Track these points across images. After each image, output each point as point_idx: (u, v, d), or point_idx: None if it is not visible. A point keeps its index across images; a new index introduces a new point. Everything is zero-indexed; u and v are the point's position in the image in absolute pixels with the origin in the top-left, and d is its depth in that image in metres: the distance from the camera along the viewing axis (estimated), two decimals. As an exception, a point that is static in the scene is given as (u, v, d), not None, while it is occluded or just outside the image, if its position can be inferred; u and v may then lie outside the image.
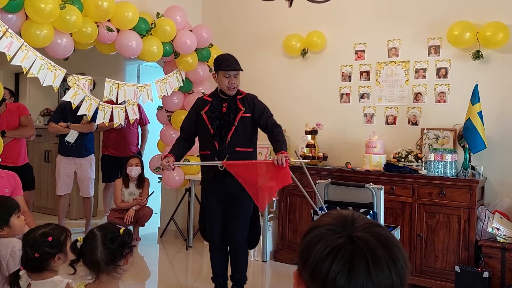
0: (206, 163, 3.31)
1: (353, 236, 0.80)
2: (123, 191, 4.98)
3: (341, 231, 0.82)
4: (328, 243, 0.80)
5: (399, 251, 0.80)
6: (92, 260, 1.91)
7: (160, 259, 4.78)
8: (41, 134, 6.16)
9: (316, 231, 0.85)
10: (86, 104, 4.11)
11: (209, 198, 3.38)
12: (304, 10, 4.60)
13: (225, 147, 3.23)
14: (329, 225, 0.85)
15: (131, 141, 5.57)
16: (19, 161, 4.58)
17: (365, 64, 4.55)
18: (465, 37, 3.91)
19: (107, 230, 1.96)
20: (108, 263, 1.91)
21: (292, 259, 4.39)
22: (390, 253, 0.79)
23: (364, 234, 0.81)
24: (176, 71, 4.66)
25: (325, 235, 0.83)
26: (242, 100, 3.31)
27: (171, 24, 4.34)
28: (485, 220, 3.63)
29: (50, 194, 6.14)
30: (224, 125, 3.24)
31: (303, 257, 0.84)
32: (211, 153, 3.25)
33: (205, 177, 3.39)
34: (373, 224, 0.85)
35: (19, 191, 3.22)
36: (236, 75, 3.28)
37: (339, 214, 0.88)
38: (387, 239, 0.81)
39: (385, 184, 3.81)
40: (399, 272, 0.78)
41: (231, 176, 3.15)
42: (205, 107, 3.31)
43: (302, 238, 0.89)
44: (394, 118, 4.41)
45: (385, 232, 0.83)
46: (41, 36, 3.43)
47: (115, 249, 1.92)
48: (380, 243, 0.79)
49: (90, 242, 1.93)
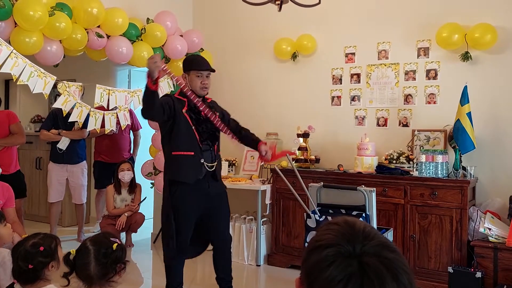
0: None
1: (363, 262, 0.81)
2: (115, 198, 4.96)
3: (351, 253, 0.83)
4: (339, 271, 0.81)
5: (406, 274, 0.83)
6: (85, 275, 1.91)
7: (153, 265, 4.76)
8: (32, 141, 6.13)
9: (325, 251, 0.84)
10: (77, 110, 4.10)
11: (189, 200, 3.16)
12: (294, 14, 4.61)
13: (212, 151, 3.25)
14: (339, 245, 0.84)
15: (123, 147, 5.55)
16: (10, 169, 4.54)
17: (356, 66, 4.58)
18: (454, 38, 3.94)
19: (100, 245, 1.96)
20: (101, 278, 1.91)
21: (286, 263, 4.39)
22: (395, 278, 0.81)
23: (373, 260, 0.82)
24: (166, 76, 4.65)
25: (335, 259, 0.82)
26: (212, 103, 3.35)
27: (161, 30, 4.34)
28: (477, 220, 3.65)
29: (42, 201, 6.10)
30: (211, 129, 3.23)
31: (311, 277, 0.84)
32: (196, 154, 3.15)
33: (188, 179, 3.14)
34: (384, 245, 0.85)
35: (11, 203, 3.21)
36: (208, 75, 3.25)
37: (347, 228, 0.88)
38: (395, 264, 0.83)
39: (377, 186, 3.82)
40: None
41: (216, 178, 3.27)
42: (184, 106, 3.16)
43: (308, 252, 0.87)
44: (385, 120, 4.43)
45: (393, 256, 0.84)
46: (31, 43, 3.42)
47: (108, 264, 1.91)
48: (387, 268, 0.81)
49: (83, 256, 1.92)
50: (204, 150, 3.19)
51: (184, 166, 3.15)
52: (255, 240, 4.48)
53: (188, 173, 3.14)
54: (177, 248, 3.21)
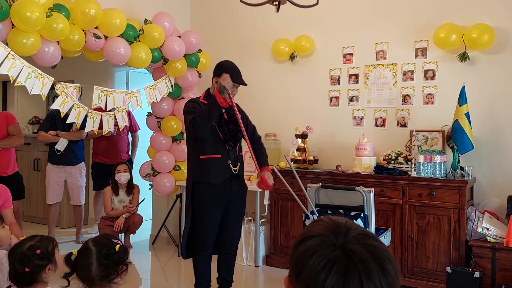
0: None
1: (346, 248, 0.82)
2: (112, 199, 4.95)
3: (335, 243, 0.84)
4: (323, 256, 0.82)
5: (390, 263, 0.83)
6: (86, 276, 1.90)
7: (152, 266, 4.75)
8: (30, 143, 6.12)
9: (309, 241, 0.86)
10: (75, 112, 4.09)
11: (211, 201, 3.27)
12: (292, 15, 4.62)
13: (235, 151, 3.34)
14: (323, 235, 0.86)
15: (121, 148, 5.54)
16: (8, 170, 4.53)
17: (354, 67, 4.58)
18: (451, 39, 3.95)
19: (102, 246, 1.95)
20: (102, 279, 1.90)
21: (285, 264, 4.39)
22: (381, 266, 0.81)
23: (357, 247, 0.82)
24: (165, 77, 4.65)
25: (319, 247, 0.84)
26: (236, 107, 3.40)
27: (159, 30, 4.34)
28: (475, 220, 3.65)
29: (40, 203, 6.08)
30: (233, 130, 3.31)
31: (297, 267, 0.85)
32: (223, 156, 3.27)
33: (215, 180, 3.24)
34: (366, 234, 0.87)
35: (9, 204, 3.20)
36: (238, 87, 3.37)
37: (332, 222, 0.89)
38: (379, 252, 0.83)
39: (376, 186, 3.83)
40: (389, 284, 0.81)
41: (239, 178, 3.36)
42: None
43: (294, 246, 0.89)
44: (383, 121, 4.43)
45: (377, 244, 0.85)
46: (28, 45, 3.41)
47: (110, 266, 1.91)
48: (372, 256, 0.82)
49: (84, 257, 1.92)
50: (228, 151, 3.29)
51: (212, 168, 3.25)
52: (254, 241, 4.48)
53: (215, 175, 3.26)
54: (200, 247, 3.34)
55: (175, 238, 5.12)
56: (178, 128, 4.85)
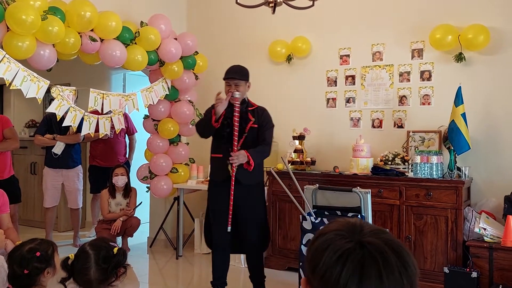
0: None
1: (362, 241, 0.80)
2: (109, 202, 4.93)
3: (350, 236, 0.82)
4: (338, 248, 0.80)
5: (409, 256, 0.81)
6: (84, 280, 1.89)
7: (150, 269, 4.74)
8: (26, 146, 6.10)
9: (324, 237, 0.85)
10: (71, 115, 4.07)
11: (215, 198, 3.46)
12: (288, 16, 4.62)
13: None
14: (337, 230, 0.85)
15: (118, 151, 5.53)
16: (4, 174, 4.51)
17: (350, 68, 4.58)
18: (447, 40, 3.96)
19: (100, 249, 1.94)
20: (101, 282, 1.89)
21: (283, 265, 4.39)
22: (400, 258, 0.79)
23: (374, 239, 0.80)
24: (161, 79, 4.65)
25: (333, 241, 0.82)
26: (253, 111, 3.50)
27: (155, 33, 4.33)
28: (472, 220, 3.66)
29: (37, 206, 6.06)
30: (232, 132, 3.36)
31: (312, 264, 0.83)
32: (224, 156, 3.36)
33: (218, 178, 3.46)
34: (381, 230, 0.85)
35: (6, 209, 3.19)
36: (237, 84, 3.40)
37: (346, 221, 0.89)
38: (397, 245, 0.81)
39: (373, 187, 3.83)
40: (409, 277, 0.78)
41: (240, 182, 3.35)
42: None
43: (309, 246, 0.88)
44: (380, 122, 4.44)
45: (393, 238, 0.83)
46: (23, 48, 3.39)
47: (109, 269, 1.90)
48: (390, 248, 0.79)
49: (82, 261, 1.90)
50: (230, 151, 3.34)
51: (215, 166, 3.49)
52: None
53: (217, 173, 3.47)
54: (213, 243, 3.49)
55: (173, 241, 5.10)
56: (175, 131, 4.84)
